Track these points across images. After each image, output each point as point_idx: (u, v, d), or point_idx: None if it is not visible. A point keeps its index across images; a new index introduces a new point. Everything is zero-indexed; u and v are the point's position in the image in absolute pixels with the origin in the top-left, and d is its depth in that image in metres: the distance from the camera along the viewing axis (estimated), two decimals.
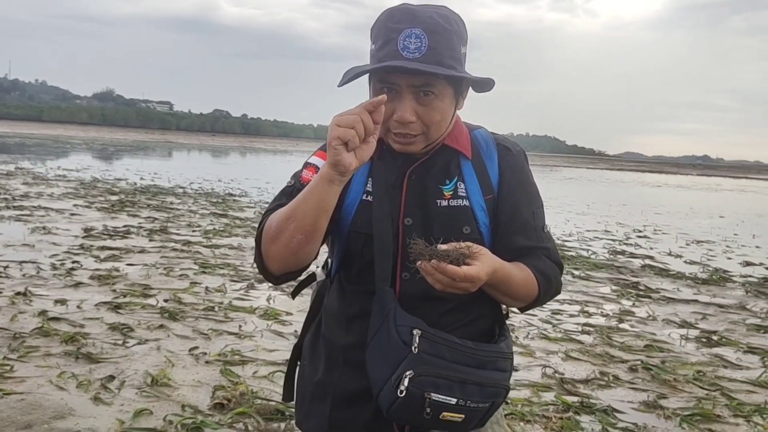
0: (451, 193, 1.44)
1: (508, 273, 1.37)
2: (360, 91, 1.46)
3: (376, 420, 1.43)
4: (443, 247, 1.24)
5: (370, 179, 1.46)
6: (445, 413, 1.31)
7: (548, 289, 1.46)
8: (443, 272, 1.22)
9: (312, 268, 1.49)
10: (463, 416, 1.33)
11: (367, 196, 1.44)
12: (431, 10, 1.33)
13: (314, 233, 1.33)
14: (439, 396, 1.29)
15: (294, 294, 1.67)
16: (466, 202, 1.43)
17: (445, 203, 1.43)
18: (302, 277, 1.57)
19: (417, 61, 1.28)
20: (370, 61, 1.37)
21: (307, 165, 1.48)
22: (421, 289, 1.38)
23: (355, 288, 1.47)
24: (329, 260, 1.56)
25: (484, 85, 1.40)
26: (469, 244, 1.27)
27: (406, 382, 1.28)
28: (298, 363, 1.62)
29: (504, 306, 1.53)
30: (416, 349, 1.30)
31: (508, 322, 1.56)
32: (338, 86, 1.39)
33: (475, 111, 1.54)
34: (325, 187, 1.27)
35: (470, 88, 1.42)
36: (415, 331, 1.31)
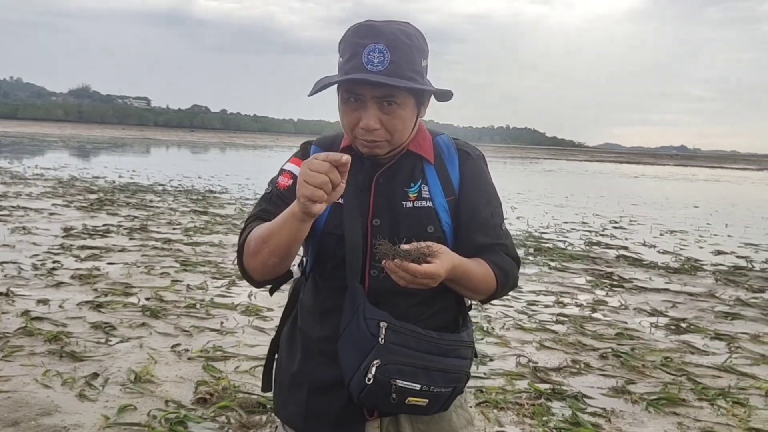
0: (415, 195, 1.55)
1: (467, 269, 1.48)
2: (332, 94, 1.56)
3: (349, 407, 1.54)
4: (405, 247, 1.35)
5: (341, 182, 1.57)
6: (410, 398, 1.42)
7: (506, 282, 1.58)
8: (406, 270, 1.33)
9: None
10: (427, 401, 1.44)
11: (339, 199, 1.55)
12: (394, 26, 1.44)
13: (288, 257, 1.47)
14: (405, 382, 1.41)
15: (272, 291, 1.77)
16: (429, 204, 1.55)
17: (410, 204, 1.54)
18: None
19: (380, 74, 1.39)
20: (338, 72, 1.48)
21: (282, 171, 1.59)
22: (388, 285, 1.50)
23: (328, 284, 1.57)
24: (304, 258, 1.67)
25: (443, 95, 1.51)
26: (430, 243, 1.38)
27: (373, 370, 1.39)
28: (276, 355, 1.73)
29: (467, 299, 1.65)
30: (383, 340, 1.41)
31: (483, 314, 1.68)
32: (308, 95, 1.51)
33: (456, 106, 1.65)
34: (297, 225, 1.38)
35: (432, 97, 1.54)
36: (381, 324, 1.43)
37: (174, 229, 9.31)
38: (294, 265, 1.72)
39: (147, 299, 5.46)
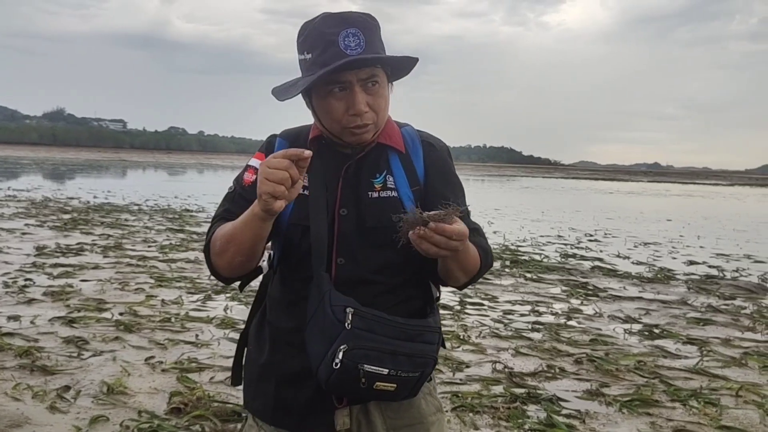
0: (381, 185, 1.58)
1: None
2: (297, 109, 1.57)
3: (318, 396, 1.55)
4: (430, 213, 1.32)
5: (306, 175, 1.59)
6: (378, 383, 1.43)
7: (487, 263, 1.58)
8: (442, 232, 1.30)
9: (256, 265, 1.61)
10: (395, 385, 1.45)
11: (304, 191, 1.58)
12: (355, 13, 1.48)
13: (254, 255, 1.49)
14: (372, 367, 1.42)
15: (241, 287, 1.78)
16: (394, 194, 1.57)
17: (375, 195, 1.57)
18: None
19: (361, 55, 1.43)
20: (305, 72, 1.50)
21: (247, 168, 1.61)
22: (355, 273, 1.53)
23: (295, 275, 1.59)
24: (271, 252, 1.68)
25: (408, 63, 1.53)
26: (450, 205, 1.36)
27: (340, 355, 1.40)
28: (245, 349, 1.73)
29: (435, 288, 1.67)
30: (349, 325, 1.42)
31: (459, 323, 1.69)
32: (281, 100, 1.52)
33: (433, 126, 1.66)
34: (259, 224, 1.40)
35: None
36: (348, 309, 1.44)
37: (149, 246, 9.23)
38: (263, 260, 1.73)
39: (121, 314, 5.40)
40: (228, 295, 6.25)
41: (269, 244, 1.65)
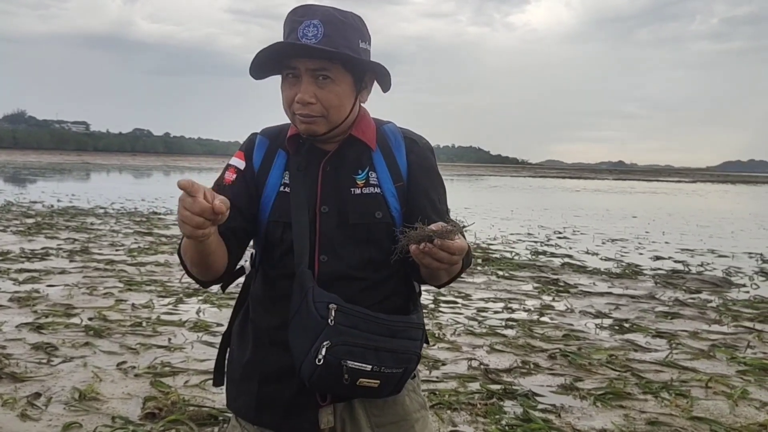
0: (363, 181, 1.58)
1: None
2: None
3: (301, 394, 1.54)
4: (433, 228, 1.32)
5: (287, 172, 1.58)
6: (361, 379, 1.42)
7: (467, 262, 1.58)
8: (447, 249, 1.30)
9: (240, 262, 1.59)
10: (378, 382, 1.44)
11: (284, 188, 1.57)
12: (331, 7, 1.49)
13: (212, 266, 1.48)
14: (355, 363, 1.41)
15: (223, 287, 1.75)
16: (377, 190, 1.57)
17: (358, 191, 1.56)
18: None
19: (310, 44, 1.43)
20: None
21: (228, 167, 1.60)
22: (337, 270, 1.53)
23: (278, 273, 1.58)
24: (253, 252, 1.67)
25: (383, 78, 1.54)
26: (450, 220, 1.38)
27: (323, 351, 1.40)
28: (228, 349, 1.71)
29: (417, 284, 1.67)
30: (332, 322, 1.42)
31: (434, 321, 1.69)
32: (255, 79, 1.53)
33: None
34: (197, 245, 1.38)
35: (375, 83, 1.57)
36: (331, 306, 1.43)
37: (117, 250, 9.07)
38: (245, 260, 1.72)
39: (90, 319, 5.29)
40: (200, 297, 6.17)
41: (251, 242, 1.63)
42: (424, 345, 1.60)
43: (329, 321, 1.42)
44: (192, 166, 68.69)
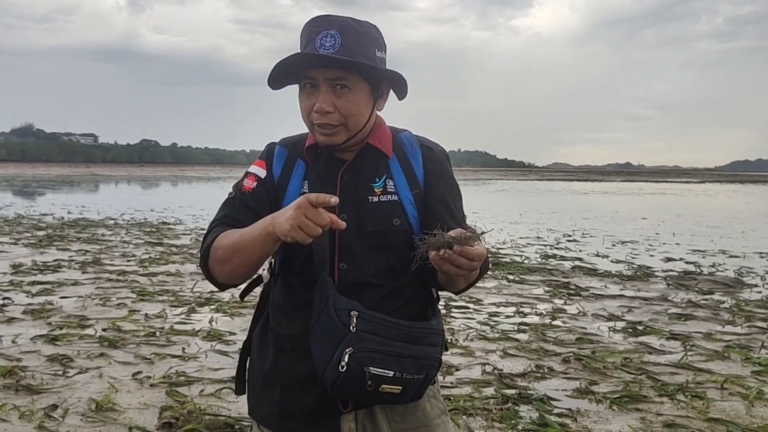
0: (381, 189, 1.59)
1: None
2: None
3: (323, 401, 1.54)
4: (452, 234, 1.33)
5: (306, 181, 1.60)
6: (384, 385, 1.43)
7: (485, 268, 1.61)
8: (467, 255, 1.32)
9: (258, 270, 1.61)
10: (400, 388, 1.45)
11: None
12: (348, 17, 1.50)
13: (257, 268, 1.50)
14: (377, 369, 1.42)
15: (242, 296, 1.77)
16: (395, 197, 1.58)
17: (375, 199, 1.58)
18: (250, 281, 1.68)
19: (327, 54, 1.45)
20: None
21: (247, 174, 1.62)
22: (357, 277, 1.54)
23: (298, 281, 1.59)
24: (272, 260, 1.68)
25: (400, 85, 1.56)
26: (468, 227, 1.39)
27: (346, 358, 1.41)
28: (249, 357, 1.72)
29: (434, 290, 1.68)
30: (354, 329, 1.43)
31: (447, 327, 1.70)
32: (273, 89, 1.54)
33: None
34: (271, 243, 1.41)
35: (391, 91, 1.58)
36: (352, 313, 1.44)
37: (128, 261, 9.11)
38: (263, 269, 1.73)
39: (104, 330, 5.32)
40: (212, 307, 6.20)
41: None
42: (446, 350, 1.61)
43: (351, 328, 1.43)
44: (200, 175, 69.00)
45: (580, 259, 10.11)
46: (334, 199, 1.33)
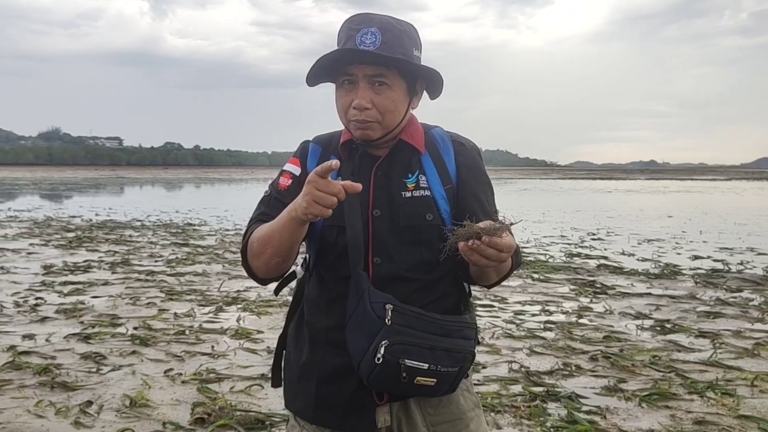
0: (413, 185, 1.62)
1: None
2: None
3: (358, 393, 1.57)
4: (480, 225, 1.35)
5: (339, 177, 1.63)
6: (418, 377, 1.46)
7: (517, 262, 1.62)
8: (495, 245, 1.33)
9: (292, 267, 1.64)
10: (435, 380, 1.47)
11: None
12: (387, 16, 1.53)
13: (290, 256, 1.53)
14: (412, 362, 1.44)
15: (276, 291, 1.81)
16: (427, 193, 1.61)
17: (408, 194, 1.60)
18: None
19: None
20: None
21: (282, 173, 1.66)
22: (390, 272, 1.56)
23: (333, 275, 1.62)
24: (306, 256, 1.71)
25: (435, 83, 1.58)
26: (497, 219, 1.41)
27: (382, 350, 1.43)
28: (284, 351, 1.76)
29: (466, 285, 1.70)
30: (389, 321, 1.45)
31: (484, 328, 1.71)
32: (310, 86, 1.57)
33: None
34: (297, 227, 1.44)
35: (425, 92, 1.61)
36: (387, 306, 1.47)
37: (156, 261, 9.25)
38: (297, 264, 1.76)
39: (135, 328, 5.42)
40: (239, 306, 6.27)
41: (303, 247, 1.68)
42: (478, 344, 1.63)
43: (386, 321, 1.45)
44: (222, 177, 69.62)
45: (605, 258, 10.03)
46: (335, 162, 1.34)
